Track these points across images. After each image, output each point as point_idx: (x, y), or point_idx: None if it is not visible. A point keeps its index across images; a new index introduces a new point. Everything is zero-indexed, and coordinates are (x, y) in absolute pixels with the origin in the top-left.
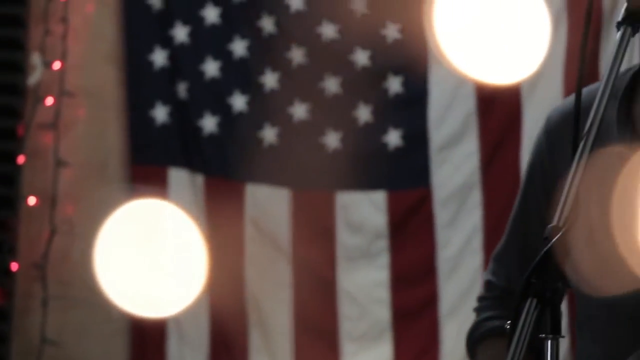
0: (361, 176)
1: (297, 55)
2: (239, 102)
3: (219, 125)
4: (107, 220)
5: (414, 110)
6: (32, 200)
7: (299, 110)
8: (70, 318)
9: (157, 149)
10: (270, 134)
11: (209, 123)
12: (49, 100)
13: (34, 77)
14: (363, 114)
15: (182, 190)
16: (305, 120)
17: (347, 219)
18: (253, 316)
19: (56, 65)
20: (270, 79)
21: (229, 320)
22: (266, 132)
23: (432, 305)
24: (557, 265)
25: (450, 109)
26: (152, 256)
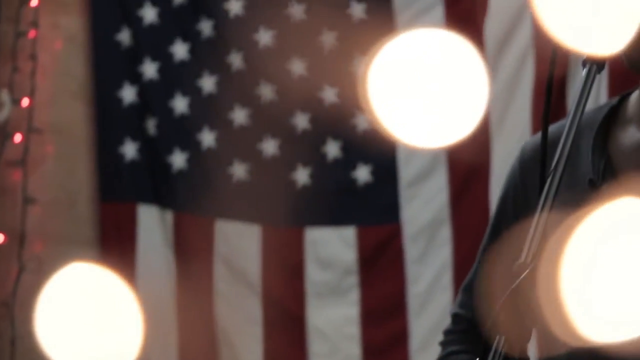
0: (331, 212)
1: (267, 92)
2: (208, 138)
3: (189, 161)
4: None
5: (383, 145)
6: (0, 237)
7: (268, 146)
8: (38, 357)
9: (126, 186)
10: (240, 170)
11: (178, 159)
12: (18, 137)
13: (2, 114)
14: (332, 149)
15: (152, 226)
16: (274, 156)
17: (316, 255)
18: (224, 353)
19: (25, 102)
20: (239, 115)
21: (199, 357)
22: (236, 168)
23: (403, 341)
24: (524, 302)
25: None
26: (89, 321)
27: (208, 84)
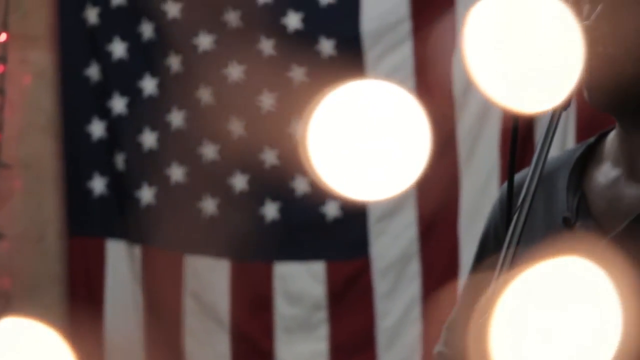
0: (300, 247)
1: (236, 127)
2: (177, 173)
3: (157, 196)
4: None
5: None
6: None
7: (237, 181)
8: None
9: (95, 220)
10: (209, 205)
11: (147, 194)
12: None
13: None
14: (301, 184)
15: (120, 261)
16: (243, 191)
17: (285, 290)
18: None
19: None
20: (208, 150)
21: None
22: (205, 203)
23: None
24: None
25: None
26: None
27: (177, 119)
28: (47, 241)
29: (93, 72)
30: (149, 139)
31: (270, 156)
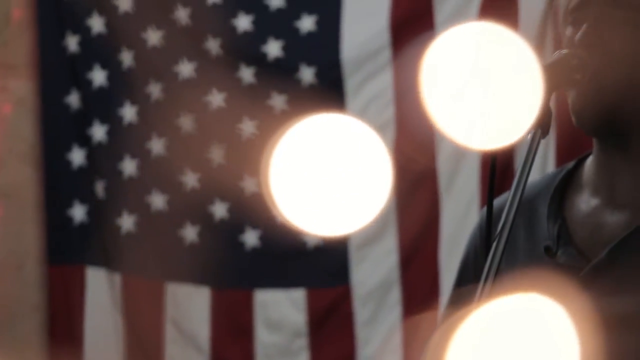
0: (280, 274)
1: (218, 156)
2: (157, 200)
3: (137, 223)
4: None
5: None
6: None
7: (218, 209)
8: None
9: (75, 248)
10: (189, 233)
11: (127, 222)
12: None
13: None
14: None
15: (100, 289)
16: (224, 219)
17: (266, 317)
18: None
19: None
20: (190, 178)
21: None
22: (186, 231)
23: None
24: None
25: None
26: None
27: (157, 146)
28: (26, 269)
29: (73, 100)
30: (129, 167)
31: (250, 184)
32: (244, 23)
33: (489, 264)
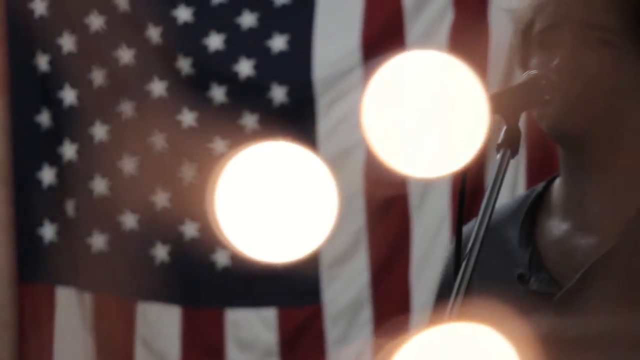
0: (251, 293)
1: (188, 174)
2: (129, 219)
3: (108, 243)
4: None
5: None
6: None
7: (189, 229)
8: None
9: (45, 267)
10: (160, 252)
11: (98, 241)
12: None
13: None
14: None
15: (70, 309)
16: (195, 238)
17: (237, 336)
18: None
19: None
20: (161, 198)
21: None
22: (157, 250)
23: None
24: None
25: (341, 225)
26: None
27: (128, 165)
28: None
29: (44, 118)
30: (99, 186)
31: None
32: (215, 42)
33: (459, 282)
